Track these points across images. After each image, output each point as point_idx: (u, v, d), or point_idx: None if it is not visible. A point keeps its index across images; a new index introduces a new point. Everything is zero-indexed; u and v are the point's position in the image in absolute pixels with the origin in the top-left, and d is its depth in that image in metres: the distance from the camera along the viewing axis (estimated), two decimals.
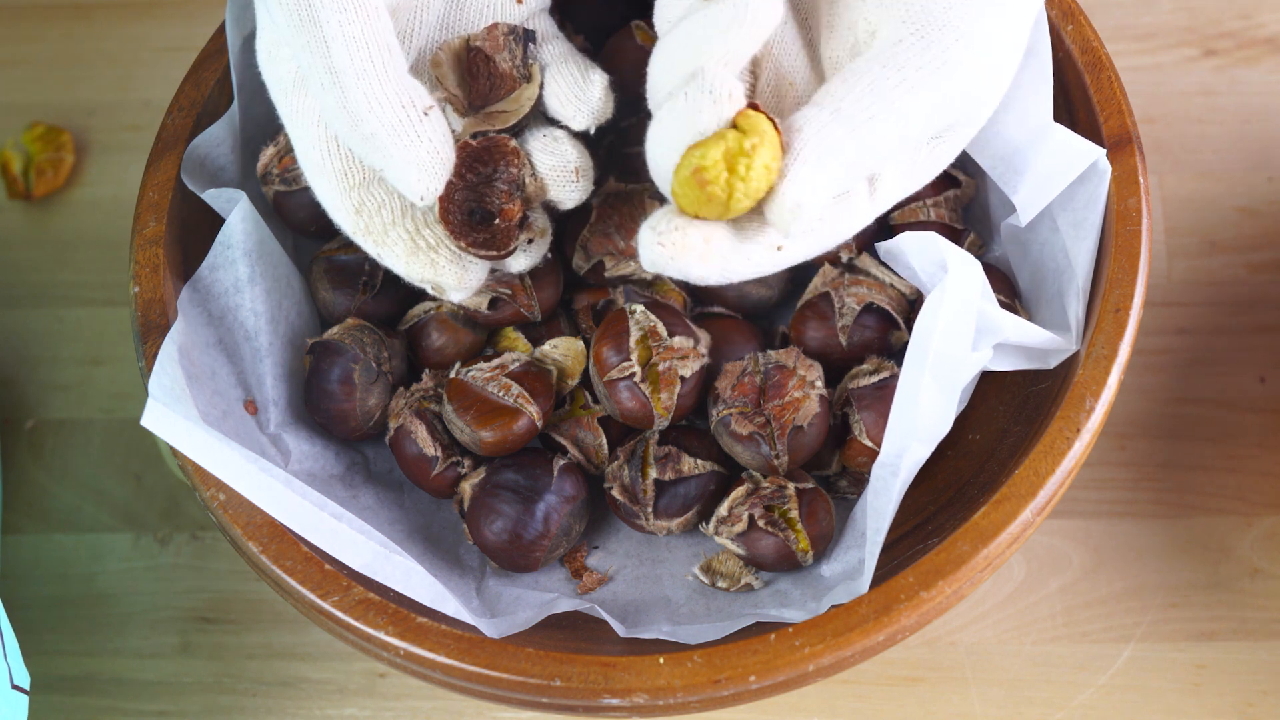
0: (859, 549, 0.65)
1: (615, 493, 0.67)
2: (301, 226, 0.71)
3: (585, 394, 0.68)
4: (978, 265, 0.61)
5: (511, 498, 0.66)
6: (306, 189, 0.69)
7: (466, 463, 0.67)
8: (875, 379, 0.66)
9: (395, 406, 0.68)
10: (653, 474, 0.66)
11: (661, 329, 0.66)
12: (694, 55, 0.59)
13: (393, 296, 0.70)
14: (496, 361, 0.67)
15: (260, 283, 0.67)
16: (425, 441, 0.66)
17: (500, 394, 0.66)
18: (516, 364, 0.67)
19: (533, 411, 0.66)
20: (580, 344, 0.69)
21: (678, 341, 0.66)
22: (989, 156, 0.67)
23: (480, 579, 0.67)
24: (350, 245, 0.70)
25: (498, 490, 0.66)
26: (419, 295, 0.69)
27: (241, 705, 0.72)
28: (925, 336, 0.61)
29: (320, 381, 0.68)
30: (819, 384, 0.66)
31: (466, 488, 0.67)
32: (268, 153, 0.70)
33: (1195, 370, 0.76)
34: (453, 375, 0.67)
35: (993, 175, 0.67)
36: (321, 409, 0.68)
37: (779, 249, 0.59)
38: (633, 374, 0.66)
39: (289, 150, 0.70)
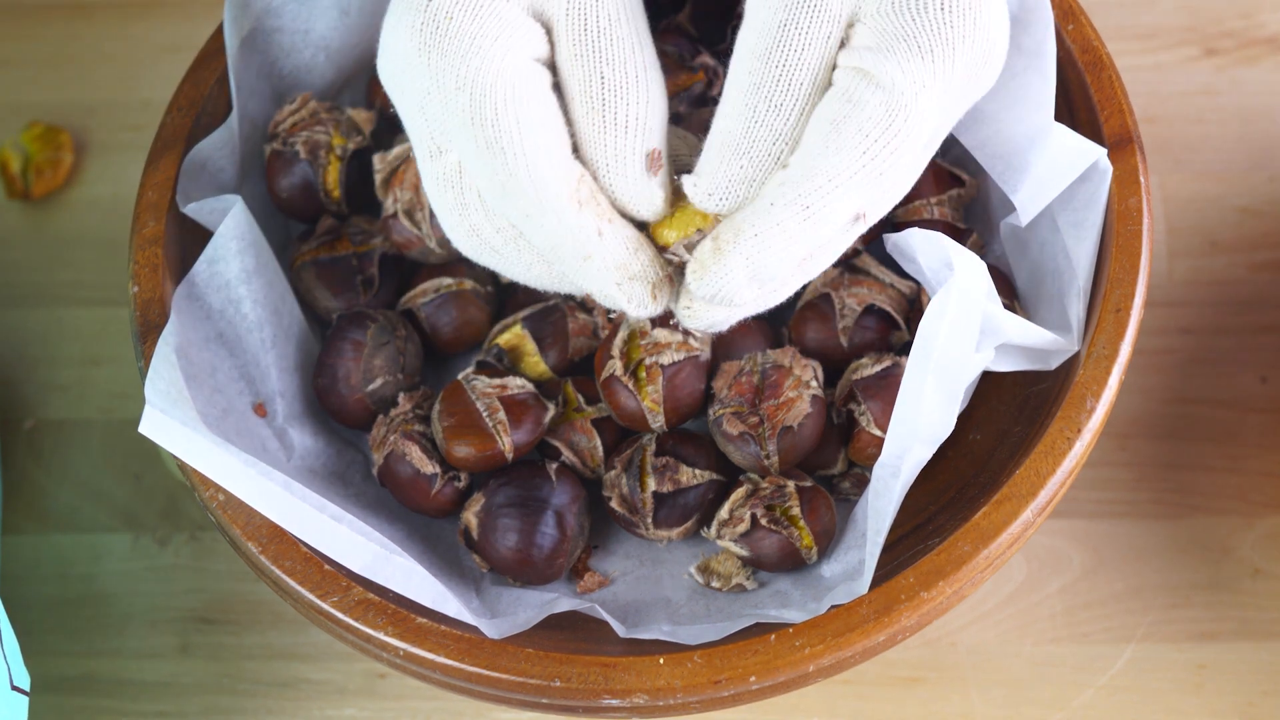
0: (859, 549, 0.65)
1: (614, 504, 0.67)
2: (289, 198, 0.70)
3: (579, 396, 0.68)
4: (983, 266, 0.61)
5: (520, 513, 0.65)
6: (303, 159, 0.69)
7: (464, 476, 0.67)
8: (878, 369, 0.66)
9: (376, 435, 0.67)
10: (651, 485, 0.66)
11: (647, 325, 0.66)
12: None
13: (393, 289, 0.70)
14: (502, 381, 0.67)
15: (263, 274, 0.67)
16: (420, 460, 0.66)
17: (485, 415, 0.66)
18: (519, 390, 0.67)
19: (506, 443, 0.66)
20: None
21: (658, 334, 0.66)
22: (989, 155, 0.67)
23: (480, 579, 0.67)
24: (331, 244, 0.70)
25: (505, 509, 0.65)
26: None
27: (241, 706, 0.72)
28: (929, 337, 0.61)
29: (334, 338, 0.68)
30: (814, 384, 0.66)
31: (470, 517, 0.66)
32: (285, 110, 0.70)
33: (1196, 370, 0.76)
34: (460, 376, 0.67)
35: (993, 174, 0.66)
36: (327, 365, 0.68)
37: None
38: (614, 372, 0.66)
39: (305, 117, 0.70)
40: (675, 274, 0.61)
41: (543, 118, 0.60)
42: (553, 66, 0.61)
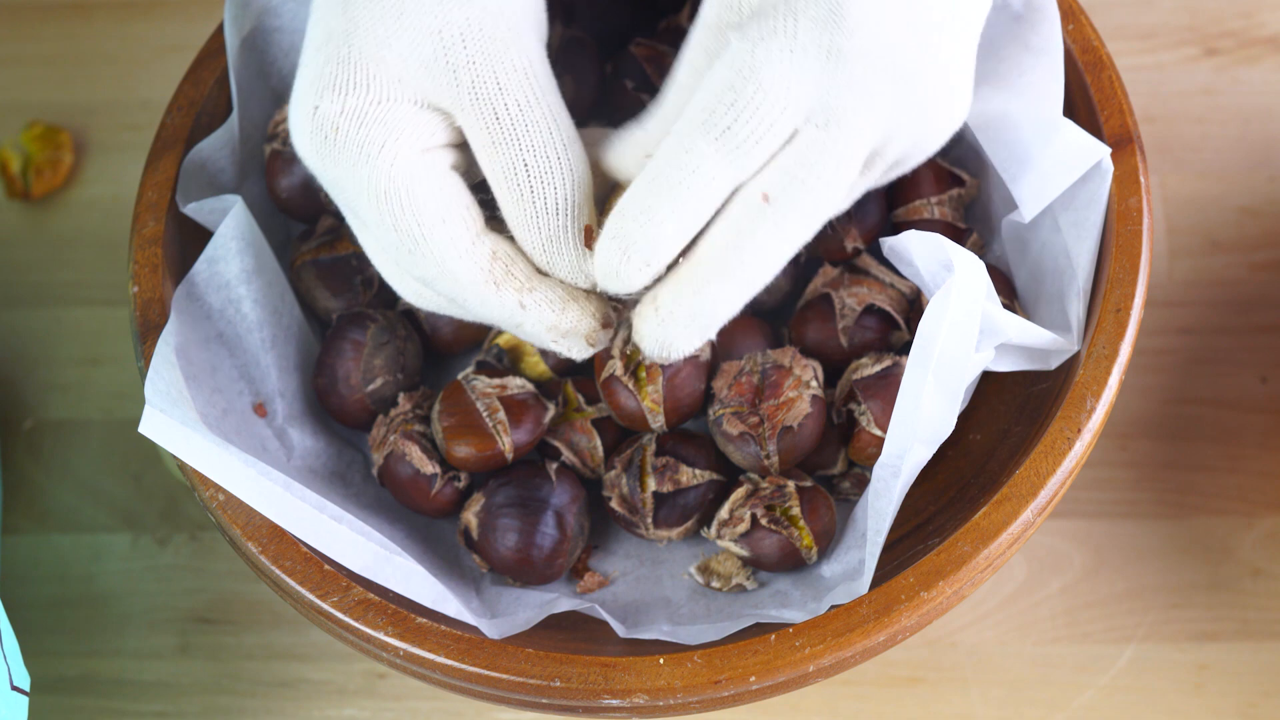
0: (859, 549, 0.65)
1: (614, 504, 0.67)
2: (289, 198, 0.70)
3: (579, 396, 0.68)
4: (983, 267, 0.61)
5: (520, 513, 0.65)
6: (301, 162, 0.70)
7: (464, 476, 0.67)
8: (878, 368, 0.66)
9: (376, 435, 0.67)
10: (651, 485, 0.66)
11: None
12: None
13: (393, 292, 0.70)
14: (501, 381, 0.67)
15: (264, 274, 0.67)
16: (420, 460, 0.66)
17: (485, 415, 0.66)
18: (519, 390, 0.67)
19: (506, 443, 0.66)
20: None
21: None
22: (994, 142, 0.66)
23: (480, 579, 0.67)
24: (331, 244, 0.70)
25: (505, 509, 0.65)
26: None
27: (241, 706, 0.72)
28: (929, 338, 0.61)
29: (334, 338, 0.68)
30: (814, 384, 0.66)
31: (470, 517, 0.66)
32: (285, 109, 0.70)
33: (1196, 370, 0.76)
34: (460, 376, 0.67)
35: (996, 163, 0.66)
36: (327, 365, 0.68)
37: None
38: (614, 372, 0.66)
39: None
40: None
41: (442, 212, 0.60)
42: (459, 146, 0.62)
